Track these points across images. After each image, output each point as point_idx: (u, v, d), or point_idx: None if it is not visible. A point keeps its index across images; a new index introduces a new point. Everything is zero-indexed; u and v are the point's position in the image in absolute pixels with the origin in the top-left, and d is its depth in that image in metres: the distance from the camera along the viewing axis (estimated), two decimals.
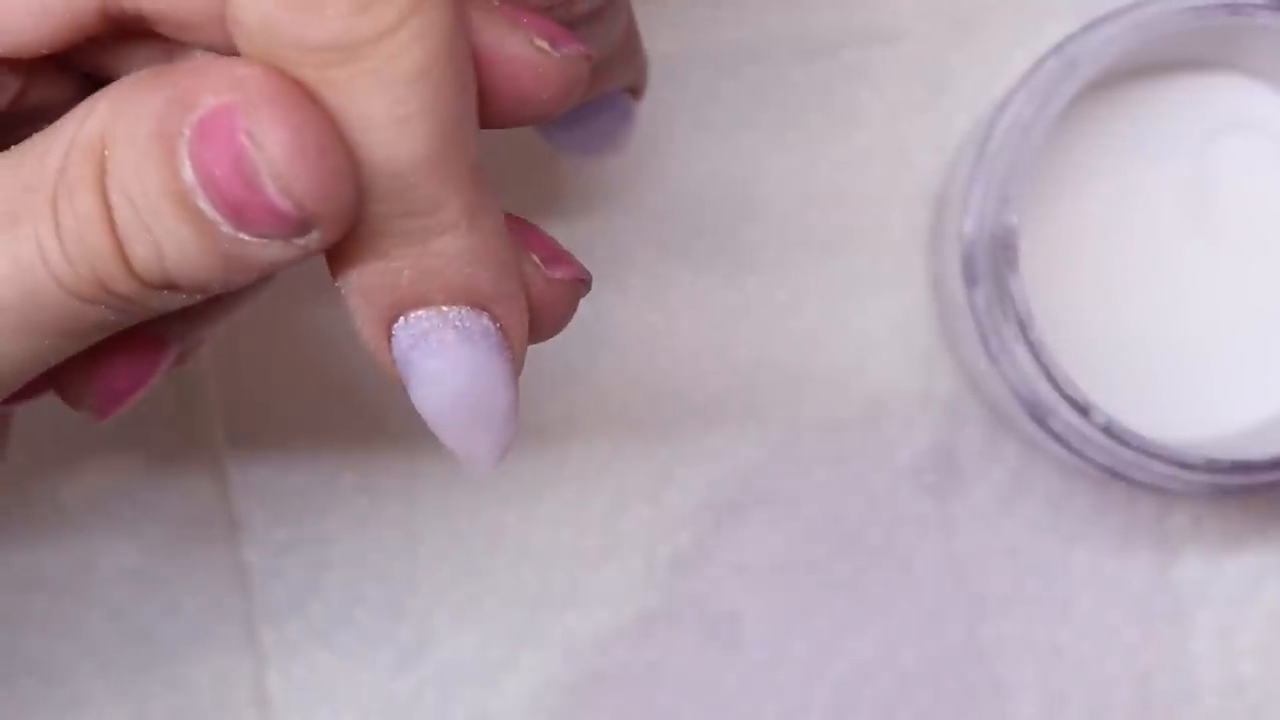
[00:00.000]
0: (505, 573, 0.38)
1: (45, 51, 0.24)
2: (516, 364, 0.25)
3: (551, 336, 0.26)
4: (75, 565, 0.38)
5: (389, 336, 0.24)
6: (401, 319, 0.24)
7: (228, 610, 0.39)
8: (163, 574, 0.38)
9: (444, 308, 0.24)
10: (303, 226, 0.22)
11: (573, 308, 0.26)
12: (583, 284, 0.26)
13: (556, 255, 0.26)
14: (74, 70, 0.26)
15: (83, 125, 0.23)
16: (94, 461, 0.38)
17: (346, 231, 0.22)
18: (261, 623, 0.38)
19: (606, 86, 0.32)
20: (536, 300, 0.25)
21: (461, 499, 0.39)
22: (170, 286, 0.23)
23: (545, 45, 0.24)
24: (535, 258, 0.25)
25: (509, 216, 0.25)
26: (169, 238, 0.22)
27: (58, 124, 0.23)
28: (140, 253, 0.22)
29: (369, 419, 0.39)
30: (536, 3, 0.26)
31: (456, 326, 0.24)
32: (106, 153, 0.22)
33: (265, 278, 0.23)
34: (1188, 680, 0.38)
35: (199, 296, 0.23)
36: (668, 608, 0.38)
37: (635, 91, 0.33)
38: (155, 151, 0.22)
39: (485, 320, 0.24)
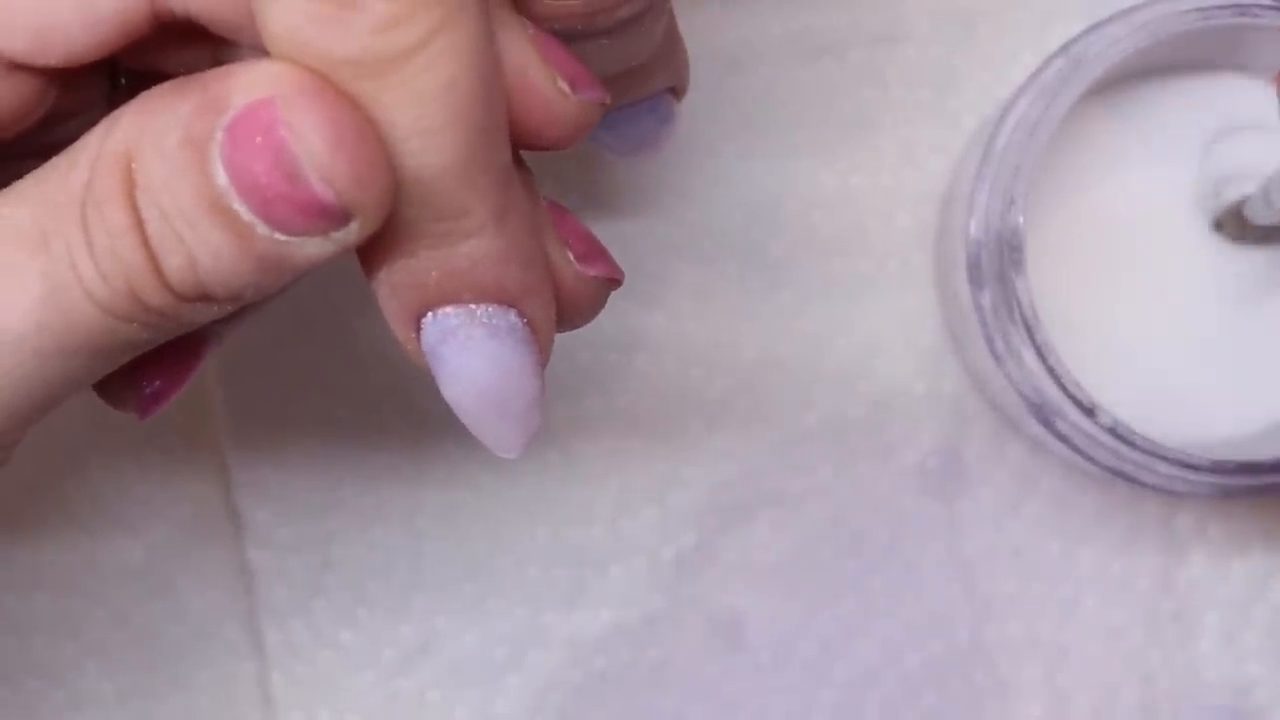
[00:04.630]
0: (509, 573, 0.38)
1: (94, 59, 0.24)
2: (543, 356, 0.25)
3: (579, 327, 0.27)
4: (78, 565, 0.38)
5: (418, 330, 0.24)
6: (430, 314, 0.24)
7: (231, 610, 0.39)
8: (166, 574, 0.38)
9: (472, 306, 0.24)
10: (343, 218, 0.22)
11: (601, 303, 0.27)
12: (614, 282, 0.27)
13: (591, 251, 0.26)
14: (104, 72, 0.26)
15: (106, 140, 0.23)
16: (97, 462, 0.38)
17: (383, 222, 0.22)
18: (265, 622, 0.38)
19: (648, 88, 0.32)
20: (566, 294, 0.26)
21: (465, 499, 0.39)
22: (204, 297, 0.23)
23: (566, 87, 0.25)
24: (569, 253, 0.26)
25: (549, 204, 0.26)
26: (203, 246, 0.22)
27: (80, 141, 0.23)
28: (174, 264, 0.22)
29: (372, 419, 0.39)
30: (580, 9, 0.26)
31: (484, 323, 0.24)
32: (133, 165, 0.22)
33: (297, 279, 0.23)
34: (1193, 682, 0.38)
35: (230, 308, 0.23)
36: (673, 609, 0.38)
37: (677, 92, 0.33)
38: (185, 159, 0.22)
39: (512, 316, 0.24)
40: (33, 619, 0.38)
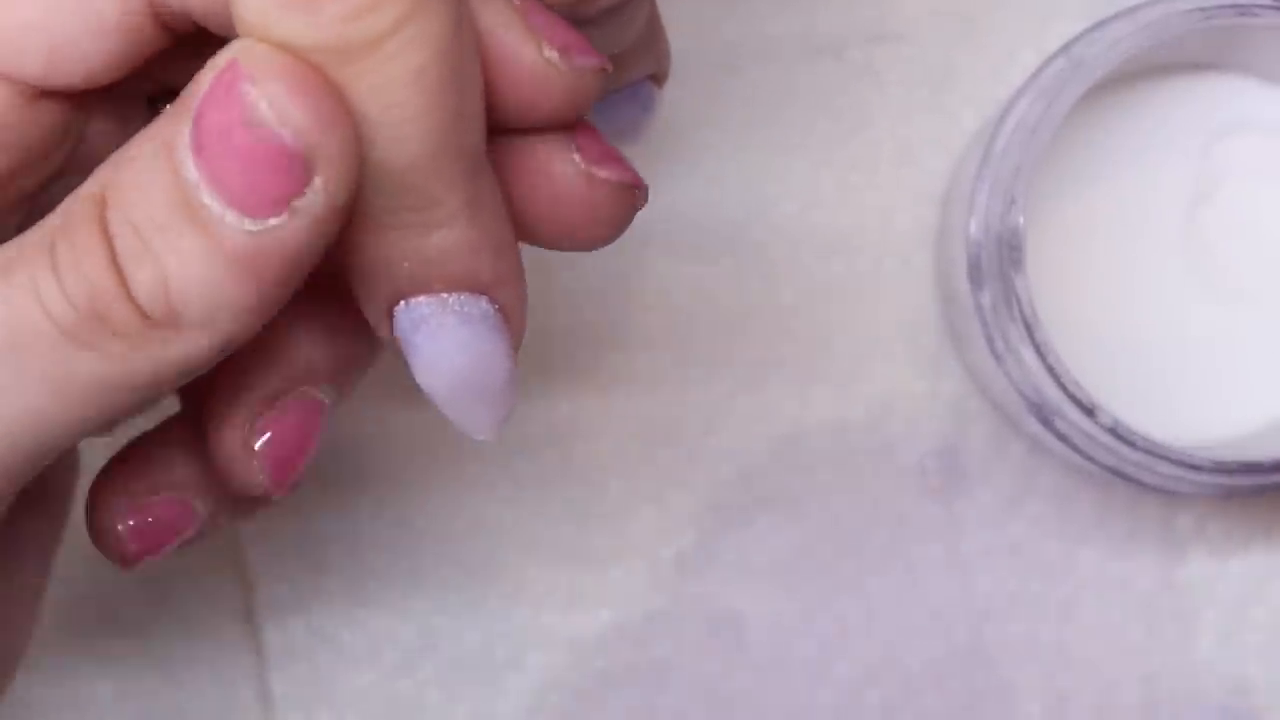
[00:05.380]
0: (509, 573, 0.38)
1: (114, 77, 0.24)
2: (516, 340, 0.25)
3: (599, 246, 0.26)
4: (76, 566, 0.38)
5: (391, 317, 0.24)
6: (403, 303, 0.24)
7: (230, 610, 0.38)
8: (164, 574, 0.38)
9: (444, 294, 0.24)
10: (306, 171, 0.22)
11: (620, 216, 0.25)
12: (634, 190, 0.25)
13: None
14: (135, 103, 0.26)
15: (79, 190, 0.23)
16: (95, 463, 0.38)
17: (350, 187, 0.22)
18: (264, 622, 0.38)
19: (630, 76, 0.32)
20: (577, 201, 0.25)
21: (465, 498, 0.39)
22: (173, 320, 0.22)
23: (555, 56, 0.24)
24: (578, 157, 0.25)
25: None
26: (173, 253, 0.22)
27: (57, 209, 0.23)
28: (142, 277, 0.22)
29: (372, 418, 0.39)
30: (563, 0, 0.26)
31: (456, 311, 0.24)
32: (107, 194, 0.22)
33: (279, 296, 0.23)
34: (1193, 682, 0.38)
35: (204, 347, 0.23)
36: (672, 609, 0.38)
37: (658, 79, 0.33)
38: (158, 162, 0.22)
39: (484, 304, 0.24)
40: None
